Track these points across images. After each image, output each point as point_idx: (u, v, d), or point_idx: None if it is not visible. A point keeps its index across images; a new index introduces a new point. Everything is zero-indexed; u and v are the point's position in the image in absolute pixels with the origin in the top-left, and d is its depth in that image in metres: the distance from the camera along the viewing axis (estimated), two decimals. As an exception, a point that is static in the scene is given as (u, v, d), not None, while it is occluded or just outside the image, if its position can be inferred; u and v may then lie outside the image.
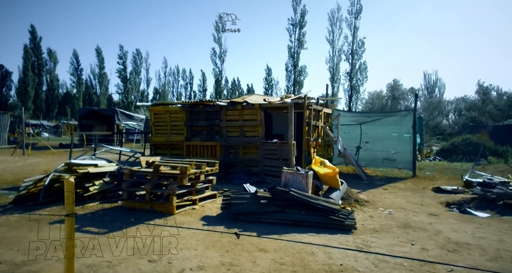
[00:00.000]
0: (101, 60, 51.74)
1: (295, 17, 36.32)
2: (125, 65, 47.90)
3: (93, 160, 5.79)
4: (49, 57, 49.34)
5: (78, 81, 50.61)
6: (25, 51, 45.33)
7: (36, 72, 46.66)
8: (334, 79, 36.83)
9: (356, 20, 34.29)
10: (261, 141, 7.24)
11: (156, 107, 8.61)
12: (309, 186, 4.30)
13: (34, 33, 47.00)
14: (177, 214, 4.34)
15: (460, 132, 18.91)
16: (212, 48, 41.77)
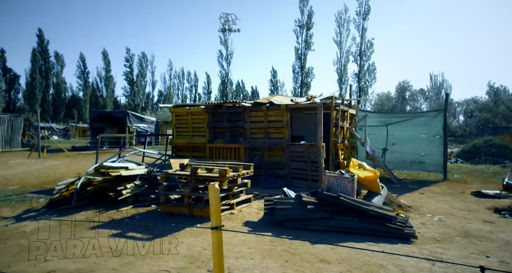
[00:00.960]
0: (108, 63, 52.12)
1: (302, 19, 36.27)
2: (131, 68, 48.19)
3: (122, 163, 5.64)
4: (56, 60, 49.83)
5: (84, 84, 50.98)
6: (33, 54, 45.79)
7: (44, 75, 47.12)
8: (342, 81, 36.61)
9: (364, 21, 34.12)
10: (288, 143, 7.05)
11: (177, 108, 8.47)
12: (354, 191, 4.10)
13: (42, 37, 47.52)
14: (217, 220, 4.15)
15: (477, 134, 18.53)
16: (219, 50, 41.86)
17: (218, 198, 1.85)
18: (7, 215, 4.28)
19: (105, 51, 51.60)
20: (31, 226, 3.89)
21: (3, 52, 45.89)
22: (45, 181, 6.90)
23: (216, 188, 1.85)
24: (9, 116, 14.55)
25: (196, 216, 4.27)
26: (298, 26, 36.36)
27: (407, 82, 32.29)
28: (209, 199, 1.83)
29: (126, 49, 52.69)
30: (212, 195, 1.83)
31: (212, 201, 1.81)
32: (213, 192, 1.83)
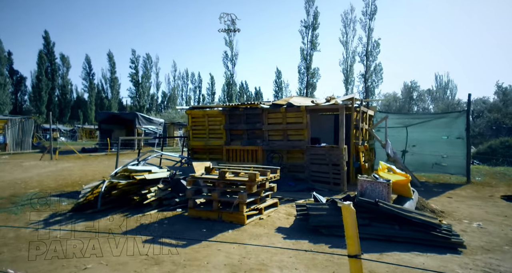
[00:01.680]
0: (113, 65, 52.38)
1: (307, 19, 36.16)
2: (137, 69, 48.39)
3: (145, 166, 5.56)
4: (62, 62, 50.19)
5: (90, 85, 51.27)
6: (39, 56, 46.18)
7: (50, 77, 47.48)
8: (348, 81, 36.40)
9: (370, 21, 33.91)
10: (308, 145, 6.92)
11: (193, 110, 8.39)
12: (390, 196, 3.96)
13: (48, 39, 47.90)
14: (247, 225, 4.04)
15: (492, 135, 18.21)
16: (224, 51, 41.87)
17: (354, 220, 1.64)
18: (34, 219, 4.23)
19: (110, 53, 51.86)
20: (62, 231, 3.82)
21: (10, 54, 46.34)
22: (63, 184, 6.85)
23: (351, 209, 1.63)
24: (20, 118, 14.60)
25: (225, 221, 4.16)
26: (304, 26, 36.27)
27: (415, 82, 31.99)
28: (345, 222, 1.61)
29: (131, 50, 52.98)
30: (348, 217, 1.60)
31: (348, 224, 1.58)
32: (348, 214, 1.60)
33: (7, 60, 45.36)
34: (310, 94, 37.86)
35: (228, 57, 41.15)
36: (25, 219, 4.24)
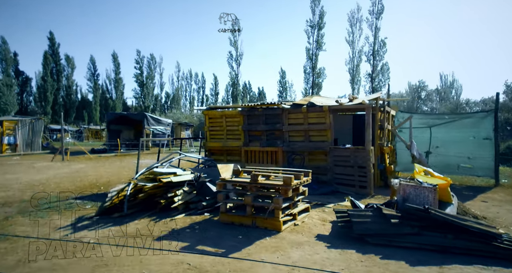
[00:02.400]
0: (117, 65, 52.44)
1: (313, 19, 35.90)
2: (142, 70, 48.37)
3: (170, 168, 5.37)
4: (67, 63, 50.32)
5: (95, 86, 51.33)
6: (44, 57, 46.33)
7: (55, 78, 47.63)
8: (354, 81, 36.09)
9: (377, 20, 33.58)
10: (331, 146, 6.70)
11: (211, 111, 8.20)
12: (436, 202, 3.73)
13: (53, 40, 48.03)
14: (284, 231, 3.84)
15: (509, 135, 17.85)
16: (229, 52, 41.69)
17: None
18: (61, 224, 4.08)
19: (115, 54, 51.91)
20: (92, 236, 3.66)
21: (16, 55, 46.53)
22: (81, 186, 6.70)
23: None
24: (30, 119, 14.53)
25: (259, 227, 3.96)
26: (310, 26, 36.02)
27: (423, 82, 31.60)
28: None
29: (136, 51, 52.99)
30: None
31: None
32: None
33: (12, 61, 45.57)
34: (316, 94, 37.57)
35: (232, 57, 40.97)
36: (53, 223, 4.09)
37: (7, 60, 43.69)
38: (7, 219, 4.18)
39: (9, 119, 13.92)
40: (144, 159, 13.25)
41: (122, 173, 8.77)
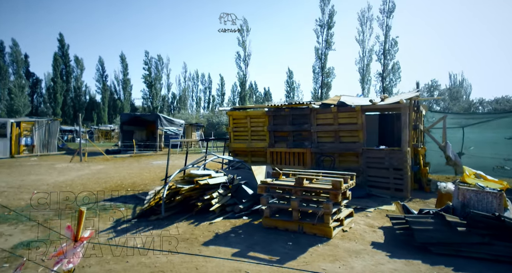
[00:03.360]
0: (125, 66, 52.84)
1: (322, 18, 35.59)
2: (150, 71, 48.59)
3: (203, 170, 5.21)
4: (76, 64, 50.86)
5: (103, 87, 51.74)
6: (54, 59, 46.89)
7: (64, 79, 48.18)
8: (365, 80, 35.64)
9: (388, 19, 33.11)
10: (364, 147, 6.46)
11: (235, 112, 8.03)
12: (501, 209, 3.48)
13: (62, 41, 48.57)
14: (335, 238, 3.63)
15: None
16: (237, 52, 41.67)
17: None
18: (101, 227, 3.98)
19: (123, 55, 52.35)
20: (137, 240, 3.55)
21: (27, 57, 47.22)
22: (108, 187, 6.59)
23: None
24: (47, 120, 14.59)
25: (307, 233, 3.76)
26: (319, 25, 35.72)
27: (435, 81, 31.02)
28: None
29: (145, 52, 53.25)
30: None
31: None
32: None
33: (23, 63, 46.28)
34: (325, 94, 37.24)
35: (241, 58, 40.87)
36: (93, 226, 3.98)
37: (18, 62, 44.38)
38: (47, 221, 4.08)
39: (27, 120, 14.00)
40: (160, 160, 13.17)
41: (143, 174, 8.66)
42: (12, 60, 44.32)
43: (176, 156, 14.90)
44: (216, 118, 40.30)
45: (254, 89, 58.53)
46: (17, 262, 2.98)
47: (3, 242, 3.45)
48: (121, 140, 18.05)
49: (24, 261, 2.31)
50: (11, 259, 3.07)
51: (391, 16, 33.08)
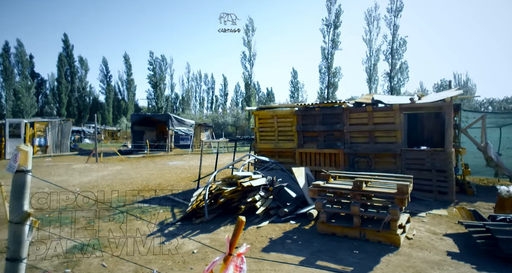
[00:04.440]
0: (129, 67, 52.75)
1: (329, 17, 35.32)
2: (155, 71, 48.43)
3: (243, 172, 4.96)
4: (80, 65, 50.77)
5: (108, 87, 51.62)
6: (59, 59, 46.83)
7: (69, 80, 48.11)
8: (372, 80, 35.33)
9: (396, 18, 32.80)
10: (402, 148, 6.19)
11: (261, 111, 7.78)
12: None
13: (67, 42, 48.49)
14: (403, 247, 3.36)
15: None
16: (242, 52, 41.46)
17: None
18: (146, 230, 3.81)
19: (126, 55, 52.25)
20: (190, 244, 3.37)
21: (32, 57, 47.16)
22: (135, 189, 6.36)
23: None
24: (59, 120, 14.38)
25: (370, 240, 3.49)
26: (325, 24, 35.44)
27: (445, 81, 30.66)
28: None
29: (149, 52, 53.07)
30: None
31: None
32: None
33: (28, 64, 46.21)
34: (332, 94, 36.96)
35: (246, 58, 40.60)
36: (139, 229, 3.77)
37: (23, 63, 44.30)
38: (90, 224, 3.87)
39: (40, 120, 13.80)
40: (174, 160, 12.93)
41: (165, 176, 8.42)
42: (17, 61, 44.24)
43: (189, 157, 14.65)
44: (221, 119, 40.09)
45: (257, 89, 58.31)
46: (79, 268, 2.76)
47: (55, 246, 3.22)
48: (132, 141, 17.83)
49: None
50: (71, 264, 2.85)
51: (399, 15, 32.79)
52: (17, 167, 1.80)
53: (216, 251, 3.23)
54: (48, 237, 3.46)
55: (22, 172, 1.81)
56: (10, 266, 1.73)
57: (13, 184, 1.84)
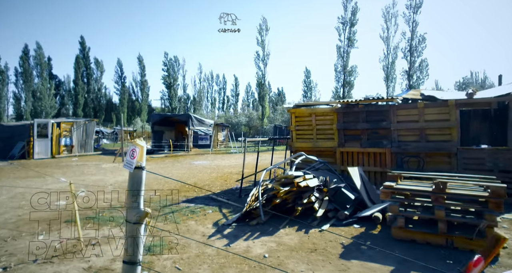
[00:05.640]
0: (143, 68, 53.50)
1: (345, 15, 34.68)
2: (169, 72, 48.93)
3: (295, 171, 4.68)
4: (96, 67, 51.84)
5: (122, 88, 52.48)
6: (76, 61, 47.98)
7: (85, 81, 49.21)
8: (389, 78, 34.46)
9: (415, 14, 31.86)
10: (459, 147, 5.75)
11: (298, 109, 7.49)
12: None
13: (84, 44, 49.63)
14: (502, 257, 2.99)
15: None
16: (256, 51, 41.27)
17: None
18: (202, 231, 3.65)
19: (140, 56, 53.01)
20: (257, 248, 3.17)
21: (50, 59, 48.48)
22: (173, 188, 6.18)
23: None
24: (84, 121, 14.53)
25: (459, 248, 3.14)
26: (341, 22, 34.81)
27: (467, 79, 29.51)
28: None
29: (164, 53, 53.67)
30: None
31: None
32: None
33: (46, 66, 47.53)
34: (347, 93, 36.26)
35: (260, 57, 40.39)
36: (196, 230, 3.60)
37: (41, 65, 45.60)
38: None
39: (66, 121, 13.97)
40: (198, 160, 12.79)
41: (197, 175, 8.25)
42: (36, 63, 45.53)
43: (211, 157, 14.49)
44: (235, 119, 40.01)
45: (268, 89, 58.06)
46: (154, 270, 2.58)
47: (117, 246, 3.05)
48: (152, 140, 17.87)
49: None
50: (145, 265, 2.66)
51: (418, 12, 31.81)
52: (135, 163, 1.60)
53: (290, 256, 2.97)
54: (112, 237, 3.30)
55: (140, 168, 1.62)
56: (128, 270, 1.53)
57: (130, 182, 1.66)
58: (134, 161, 1.61)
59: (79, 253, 2.95)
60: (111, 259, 2.86)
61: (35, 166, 9.40)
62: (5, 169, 8.85)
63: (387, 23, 33.92)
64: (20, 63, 43.59)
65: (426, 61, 32.64)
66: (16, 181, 6.88)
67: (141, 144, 1.67)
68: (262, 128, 36.89)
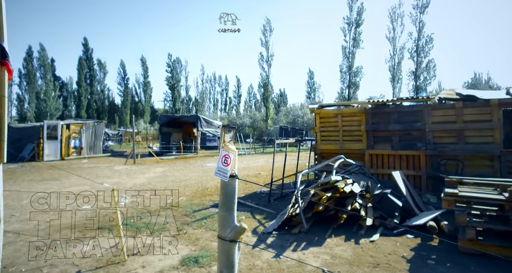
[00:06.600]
0: (145, 69, 53.33)
1: (350, 16, 34.44)
2: (172, 73, 48.76)
3: (336, 176, 4.34)
4: (99, 68, 51.70)
5: (125, 90, 52.30)
6: (79, 63, 47.86)
7: (88, 83, 49.06)
8: (395, 79, 34.15)
9: (422, 14, 31.60)
10: (502, 149, 5.41)
11: (322, 110, 7.17)
12: None
13: (87, 45, 49.51)
14: None
15: None
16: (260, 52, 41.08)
17: None
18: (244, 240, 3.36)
19: (143, 58, 52.88)
20: (310, 260, 2.90)
21: (53, 61, 48.36)
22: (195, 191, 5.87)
23: None
24: (93, 122, 14.24)
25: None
26: (347, 23, 34.56)
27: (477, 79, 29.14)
28: None
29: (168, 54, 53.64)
30: None
31: None
32: None
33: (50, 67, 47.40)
34: (353, 94, 35.96)
35: (263, 58, 40.18)
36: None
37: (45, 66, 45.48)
38: (182, 231, 3.40)
39: (75, 122, 13.69)
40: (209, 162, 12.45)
41: (215, 178, 7.91)
42: (40, 65, 45.40)
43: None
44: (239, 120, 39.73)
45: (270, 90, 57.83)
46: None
47: (171, 257, 2.77)
48: (160, 142, 17.57)
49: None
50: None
51: (425, 12, 31.55)
52: (230, 171, 1.28)
53: (352, 271, 2.64)
54: (151, 246, 2.98)
55: (233, 177, 1.30)
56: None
57: (223, 192, 1.33)
58: (228, 168, 1.29)
59: (123, 263, 2.63)
60: (159, 271, 2.54)
61: (47, 168, 9.10)
62: (18, 172, 8.55)
63: (393, 24, 33.68)
64: (23, 64, 43.48)
65: (433, 62, 32.34)
66: (32, 184, 6.58)
67: (233, 148, 1.35)
68: (267, 129, 36.58)
